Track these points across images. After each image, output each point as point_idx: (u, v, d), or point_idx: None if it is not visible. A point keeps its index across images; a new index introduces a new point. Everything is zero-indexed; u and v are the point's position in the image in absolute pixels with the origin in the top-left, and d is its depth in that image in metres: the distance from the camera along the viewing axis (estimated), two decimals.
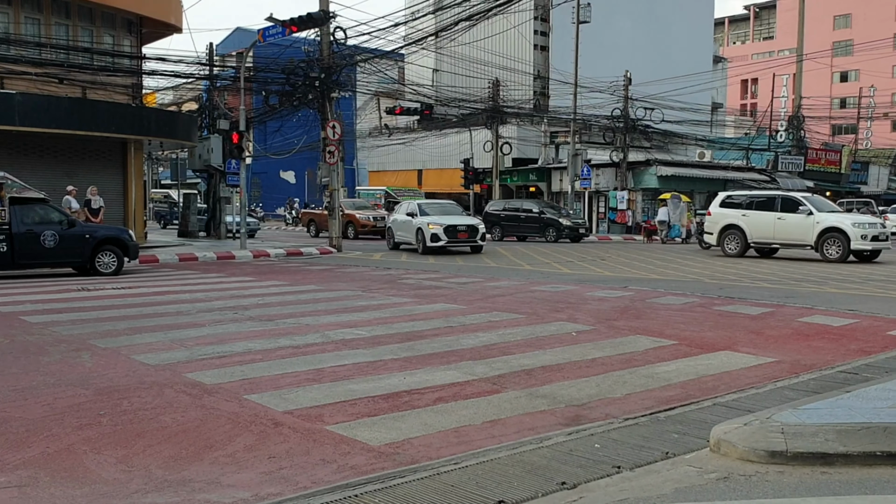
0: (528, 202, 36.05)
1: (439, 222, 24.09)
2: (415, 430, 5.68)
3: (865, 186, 50.37)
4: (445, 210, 25.79)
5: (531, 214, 33.63)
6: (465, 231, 24.30)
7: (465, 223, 24.67)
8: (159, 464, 4.99)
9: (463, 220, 24.88)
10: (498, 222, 33.97)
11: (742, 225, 23.38)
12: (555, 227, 32.67)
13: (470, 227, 24.52)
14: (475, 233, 24.48)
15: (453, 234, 24.08)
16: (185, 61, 27.35)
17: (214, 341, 9.01)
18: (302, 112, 30.23)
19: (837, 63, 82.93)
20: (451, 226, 24.07)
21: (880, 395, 5.97)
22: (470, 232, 24.40)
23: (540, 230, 33.19)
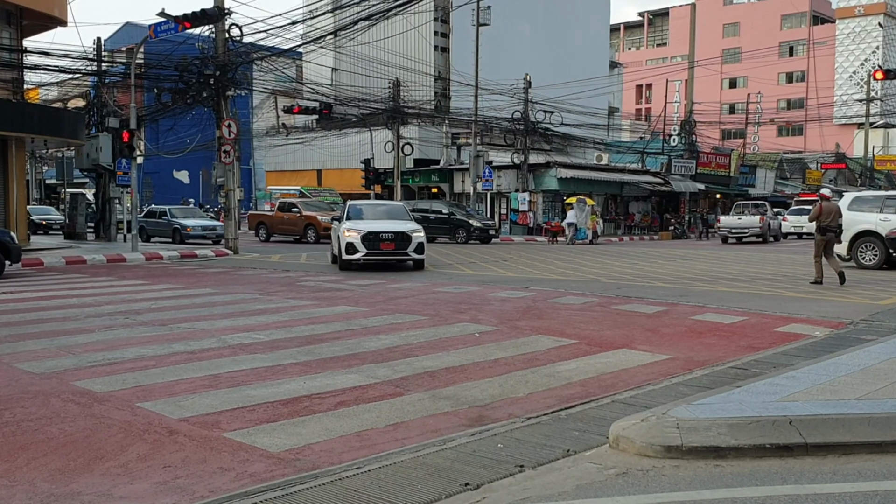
0: (437, 203, 36.02)
1: (359, 228, 18.24)
2: (316, 435, 5.58)
3: (753, 189, 52.60)
4: (390, 213, 20.21)
5: (441, 216, 33.60)
6: (390, 240, 18.11)
7: (393, 229, 18.37)
8: (45, 477, 4.74)
9: (391, 226, 18.60)
10: None
11: (882, 232, 19.30)
12: (465, 229, 32.81)
13: (398, 236, 18.25)
14: (406, 242, 18.30)
15: (374, 243, 18.06)
16: (70, 56, 26.29)
17: (105, 347, 8.64)
18: (196, 110, 29.43)
19: (727, 70, 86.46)
20: (371, 233, 18.02)
21: (769, 389, 6.20)
22: (398, 241, 18.20)
23: (450, 231, 33.21)
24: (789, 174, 61.23)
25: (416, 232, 18.62)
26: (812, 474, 4.67)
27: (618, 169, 45.16)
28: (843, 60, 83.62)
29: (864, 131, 62.15)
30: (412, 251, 18.45)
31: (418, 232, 18.70)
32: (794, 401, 5.82)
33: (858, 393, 6.06)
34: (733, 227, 36.24)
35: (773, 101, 75.32)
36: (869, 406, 5.65)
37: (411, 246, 18.37)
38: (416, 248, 18.47)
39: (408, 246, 18.32)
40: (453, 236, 33.05)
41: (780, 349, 8.76)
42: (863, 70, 76.94)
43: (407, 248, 18.35)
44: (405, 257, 18.64)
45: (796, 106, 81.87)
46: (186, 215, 32.96)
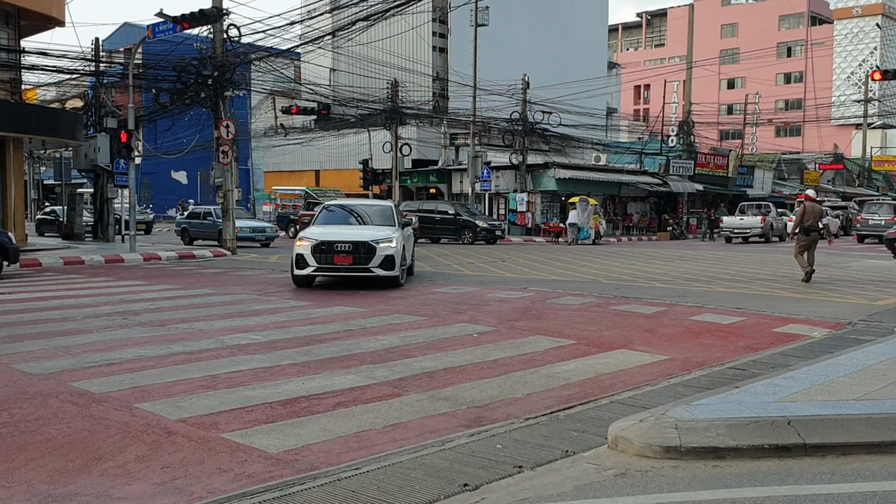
0: (443, 204, 35.79)
1: (313, 235, 14.75)
2: (314, 436, 5.57)
3: (751, 189, 52.60)
4: (369, 217, 16.46)
5: (447, 216, 33.44)
6: (347, 252, 14.34)
7: (353, 238, 14.53)
8: (43, 478, 4.73)
9: (354, 234, 14.86)
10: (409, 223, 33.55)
11: None
12: (470, 229, 32.69)
13: (358, 247, 14.37)
14: (368, 255, 14.40)
15: (327, 255, 14.40)
16: (68, 56, 26.21)
17: (103, 348, 8.63)
18: (194, 111, 29.39)
19: (725, 70, 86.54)
20: (325, 243, 14.39)
21: (767, 390, 6.20)
22: (358, 253, 14.38)
23: (455, 232, 33.04)
24: (787, 175, 61.24)
25: (384, 242, 14.50)
26: (811, 475, 4.67)
27: (616, 169, 45.16)
28: (841, 61, 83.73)
29: (861, 132, 62.24)
30: (376, 266, 14.37)
31: (388, 242, 14.54)
32: (793, 401, 5.82)
33: (857, 393, 6.06)
34: (735, 228, 36.49)
35: (771, 102, 75.41)
36: (867, 406, 5.66)
37: (375, 260, 14.33)
38: (381, 262, 14.38)
39: (370, 259, 14.32)
40: (459, 237, 32.86)
41: (779, 350, 8.77)
42: (861, 71, 77.04)
43: (369, 263, 14.33)
44: (365, 273, 14.52)
45: (794, 106, 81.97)
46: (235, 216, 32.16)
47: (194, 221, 30.68)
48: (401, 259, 14.90)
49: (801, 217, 16.31)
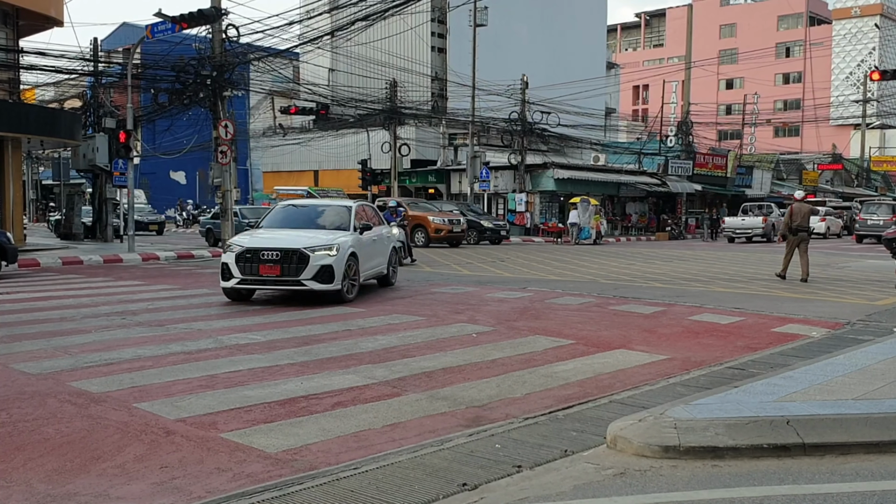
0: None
1: (242, 241, 12.64)
2: (313, 435, 5.57)
3: (750, 190, 52.63)
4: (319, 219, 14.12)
5: None
6: (274, 262, 12.08)
7: (284, 245, 12.24)
8: (41, 478, 4.73)
9: (288, 239, 12.52)
10: None
11: None
12: (476, 229, 32.56)
13: (288, 256, 12.11)
14: (300, 265, 12.09)
15: (252, 265, 12.18)
16: (67, 56, 26.21)
17: (101, 348, 8.62)
18: (193, 111, 29.35)
19: (723, 71, 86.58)
20: (251, 250, 12.20)
21: (766, 389, 6.20)
22: (287, 263, 12.08)
23: None
24: (786, 175, 61.28)
25: (321, 249, 12.18)
26: (810, 474, 4.67)
27: (615, 170, 45.17)
28: (840, 61, 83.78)
29: (860, 132, 62.26)
30: (309, 278, 12.04)
31: (326, 250, 12.20)
32: (792, 401, 5.82)
33: (856, 393, 6.07)
34: (737, 228, 36.73)
35: (769, 102, 75.50)
36: (866, 406, 5.66)
37: (308, 271, 12.00)
38: (316, 273, 12.04)
39: (301, 270, 12.00)
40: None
41: (778, 349, 8.77)
42: (859, 71, 77.10)
43: (300, 274, 12.02)
44: (296, 287, 12.28)
45: (793, 107, 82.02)
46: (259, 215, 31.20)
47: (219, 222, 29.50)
48: (344, 269, 12.34)
49: (788, 218, 16.70)
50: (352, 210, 14.09)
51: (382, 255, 14.74)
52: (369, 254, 13.80)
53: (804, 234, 16.40)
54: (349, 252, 12.64)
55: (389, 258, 15.13)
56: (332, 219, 13.98)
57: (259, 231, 13.73)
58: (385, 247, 15.00)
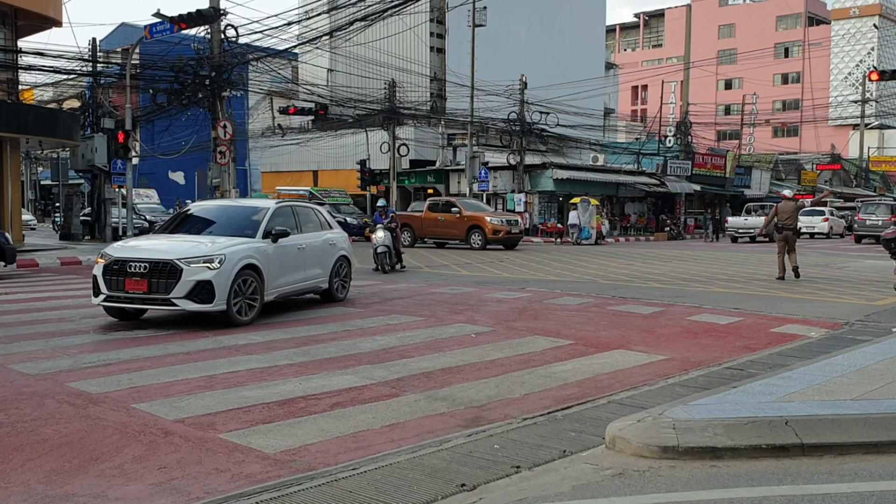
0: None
1: (115, 252, 10.56)
2: (312, 436, 5.57)
3: (748, 190, 52.65)
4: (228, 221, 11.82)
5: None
6: (141, 275, 10.02)
7: (156, 256, 10.19)
8: (40, 478, 4.73)
9: (166, 248, 10.44)
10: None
11: None
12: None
13: (157, 269, 10.02)
14: (171, 280, 9.97)
15: (119, 280, 10.16)
16: (65, 57, 26.22)
17: (100, 348, 8.62)
18: (192, 111, 29.36)
19: (722, 71, 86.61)
20: (119, 261, 10.22)
21: (765, 389, 6.20)
22: (156, 278, 9.98)
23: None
24: (785, 175, 61.29)
25: (198, 262, 10.01)
26: (808, 475, 4.67)
27: (614, 170, 45.18)
28: (839, 62, 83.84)
29: (859, 132, 62.30)
30: (181, 296, 9.89)
31: (206, 263, 10.02)
32: (791, 401, 5.83)
33: (854, 393, 6.07)
34: (740, 228, 37.04)
35: (768, 103, 75.51)
36: (865, 406, 5.66)
37: (179, 287, 9.86)
38: (191, 290, 9.89)
39: (171, 287, 9.87)
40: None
41: (776, 350, 8.78)
42: (858, 71, 77.19)
43: (170, 291, 9.87)
44: (165, 306, 10.13)
45: (792, 107, 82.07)
46: None
47: None
48: (232, 285, 10.04)
49: (772, 216, 16.99)
50: (266, 212, 11.64)
51: (319, 266, 12.41)
52: (290, 265, 11.55)
53: (789, 233, 16.46)
54: (243, 264, 10.32)
55: (334, 269, 12.81)
56: (238, 222, 11.62)
57: (145, 237, 12.35)
58: (323, 256, 12.59)
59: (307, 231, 12.51)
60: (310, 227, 12.70)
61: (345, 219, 33.26)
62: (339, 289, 13.11)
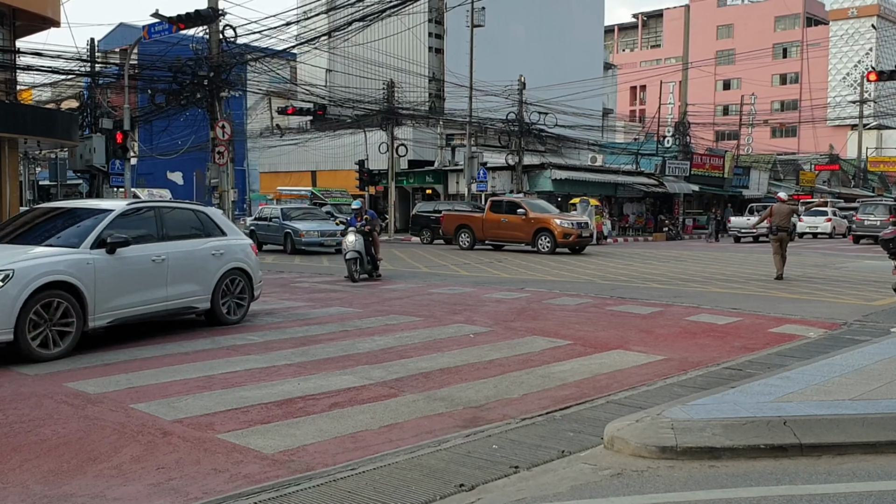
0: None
1: None
2: (310, 436, 5.57)
3: (747, 190, 52.65)
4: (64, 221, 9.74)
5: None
6: None
7: None
8: (38, 479, 4.72)
9: None
10: (428, 224, 32.46)
11: None
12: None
13: None
14: None
15: None
16: (63, 57, 26.18)
17: (98, 349, 8.60)
18: (190, 111, 29.35)
19: (720, 71, 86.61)
20: None
21: (763, 390, 6.20)
22: None
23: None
24: (783, 175, 61.30)
25: None
26: (807, 475, 4.68)
27: (612, 170, 45.18)
28: (837, 62, 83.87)
29: (857, 133, 62.34)
30: None
31: None
32: (789, 401, 5.83)
33: (853, 393, 6.07)
34: (742, 228, 37.40)
35: (766, 103, 75.47)
36: (863, 406, 5.66)
37: None
38: None
39: None
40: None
41: (775, 350, 8.78)
42: (856, 72, 77.14)
43: None
44: None
45: (790, 107, 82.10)
46: (302, 216, 27.27)
47: (261, 224, 27.91)
48: (21, 311, 7.78)
49: (764, 217, 17.43)
50: (104, 216, 9.29)
51: (192, 282, 10.05)
52: (137, 282, 9.27)
53: (784, 234, 16.74)
54: (44, 281, 8.06)
55: (217, 286, 10.37)
56: (69, 228, 9.36)
57: None
58: (200, 270, 10.22)
59: (176, 239, 10.09)
60: (181, 235, 10.24)
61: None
62: (233, 309, 10.66)
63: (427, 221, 32.95)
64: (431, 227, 32.38)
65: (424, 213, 33.86)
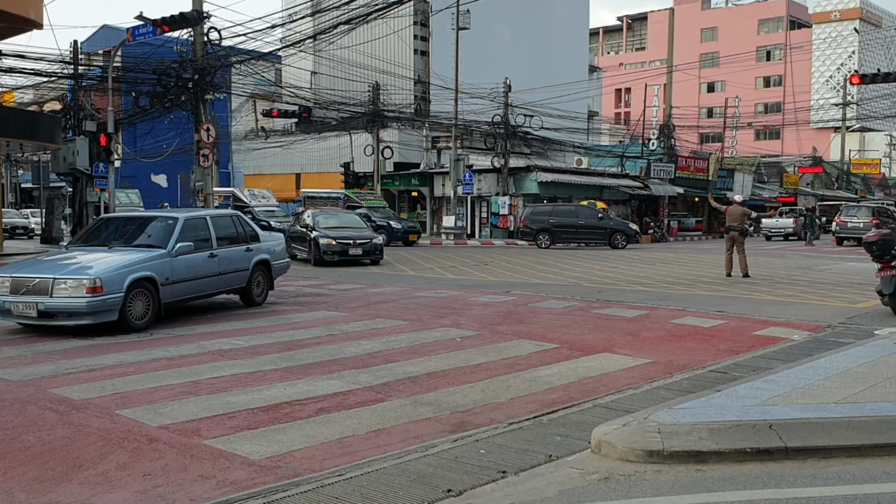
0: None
1: None
2: (297, 442, 5.56)
3: (731, 193, 52.89)
4: None
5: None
6: None
7: None
8: (22, 486, 4.69)
9: None
10: (548, 229, 32.82)
11: None
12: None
13: None
14: None
15: None
16: (46, 59, 25.99)
17: (82, 354, 8.55)
18: (174, 114, 29.21)
19: (704, 74, 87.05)
20: None
21: (749, 393, 6.23)
22: None
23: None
24: (767, 178, 61.68)
25: None
26: (792, 478, 4.70)
27: (597, 173, 45.29)
28: (820, 65, 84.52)
29: (840, 135, 62.82)
30: None
31: None
32: (774, 405, 5.86)
33: (837, 396, 6.11)
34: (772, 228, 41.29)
35: (750, 105, 75.98)
36: (848, 410, 5.70)
37: None
38: None
39: None
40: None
41: (759, 353, 8.83)
42: (839, 74, 77.76)
43: None
44: None
45: (774, 110, 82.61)
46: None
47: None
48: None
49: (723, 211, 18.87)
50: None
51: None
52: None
53: (735, 234, 17.87)
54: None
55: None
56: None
57: None
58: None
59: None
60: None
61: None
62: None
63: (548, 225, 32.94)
64: (551, 230, 32.62)
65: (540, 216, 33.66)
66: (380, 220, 31.97)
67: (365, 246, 21.67)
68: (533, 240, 32.19)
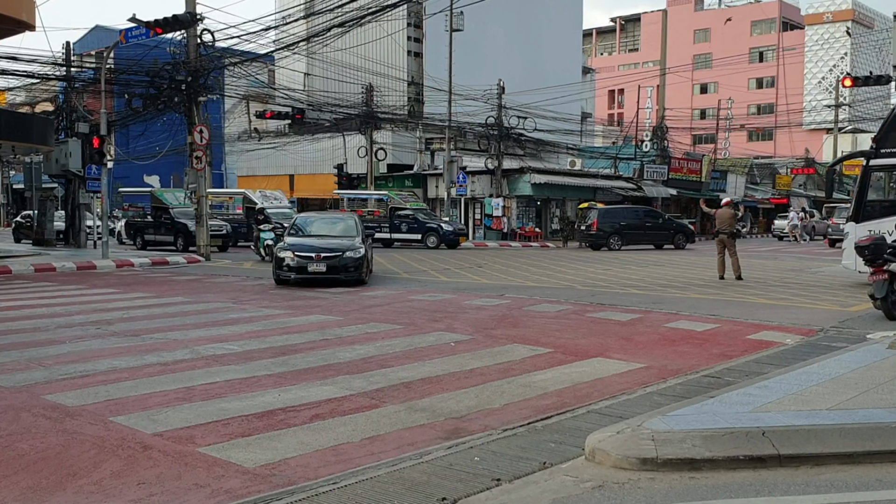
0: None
1: None
2: (291, 449, 5.55)
3: (724, 194, 53.02)
4: None
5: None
6: None
7: None
8: (16, 496, 4.68)
9: None
10: (619, 231, 33.47)
11: None
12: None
13: None
14: None
15: None
16: (39, 61, 25.91)
17: (76, 359, 8.53)
18: (167, 115, 29.17)
19: (698, 76, 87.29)
20: None
21: (742, 399, 6.26)
22: None
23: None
24: (759, 179, 61.87)
25: None
26: (785, 486, 4.72)
27: (591, 174, 45.40)
28: (812, 66, 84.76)
29: (832, 136, 63.02)
30: None
31: None
32: (767, 411, 5.88)
33: (830, 403, 6.14)
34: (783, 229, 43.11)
35: (743, 107, 76.18)
36: (840, 416, 5.72)
37: None
38: None
39: None
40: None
41: (752, 357, 8.85)
42: (831, 76, 78.04)
43: None
44: None
45: (766, 111, 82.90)
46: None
47: None
48: None
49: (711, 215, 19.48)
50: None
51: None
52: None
53: (724, 237, 18.17)
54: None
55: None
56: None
57: None
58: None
59: None
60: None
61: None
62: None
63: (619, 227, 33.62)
64: (622, 233, 33.36)
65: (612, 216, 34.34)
66: (430, 222, 32.22)
67: (331, 260, 16.45)
68: (605, 242, 32.90)
